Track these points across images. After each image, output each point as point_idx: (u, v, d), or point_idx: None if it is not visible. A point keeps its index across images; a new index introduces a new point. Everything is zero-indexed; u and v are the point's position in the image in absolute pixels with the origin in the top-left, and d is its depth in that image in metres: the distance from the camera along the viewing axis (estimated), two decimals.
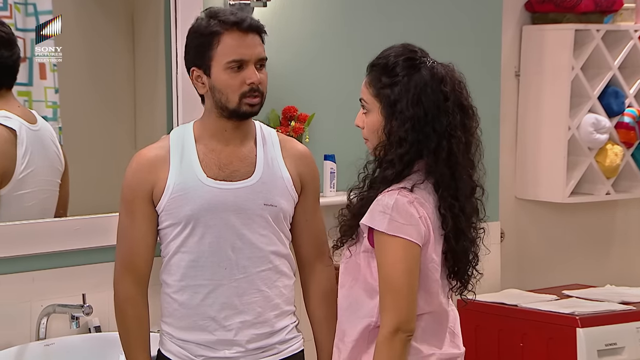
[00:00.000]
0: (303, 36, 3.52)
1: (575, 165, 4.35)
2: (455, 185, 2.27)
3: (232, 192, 2.40)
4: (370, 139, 2.33)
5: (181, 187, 2.39)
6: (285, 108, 3.44)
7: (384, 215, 2.22)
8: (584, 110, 4.31)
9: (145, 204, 2.41)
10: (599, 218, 4.61)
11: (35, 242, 2.90)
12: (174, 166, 2.41)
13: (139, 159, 2.44)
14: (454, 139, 2.26)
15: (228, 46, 2.37)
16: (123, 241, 2.45)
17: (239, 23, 2.38)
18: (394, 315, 2.21)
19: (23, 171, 2.92)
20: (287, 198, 2.47)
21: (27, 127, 2.94)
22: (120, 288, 2.44)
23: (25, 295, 2.88)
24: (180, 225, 2.41)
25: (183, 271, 2.42)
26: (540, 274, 4.43)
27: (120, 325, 2.46)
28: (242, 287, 2.42)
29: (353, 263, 2.33)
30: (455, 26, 3.88)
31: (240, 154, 2.44)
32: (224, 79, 2.38)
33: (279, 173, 2.46)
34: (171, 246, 2.43)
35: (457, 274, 2.35)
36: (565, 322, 3.57)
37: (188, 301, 2.42)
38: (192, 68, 2.43)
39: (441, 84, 2.26)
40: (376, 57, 2.32)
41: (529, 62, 4.34)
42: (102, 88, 3.25)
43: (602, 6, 4.29)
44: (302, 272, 2.57)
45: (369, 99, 2.31)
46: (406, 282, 2.20)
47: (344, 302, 2.35)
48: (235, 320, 2.42)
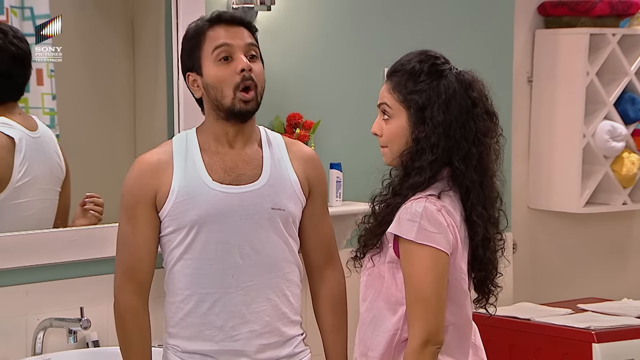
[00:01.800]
0: (308, 40, 3.52)
1: (590, 174, 4.34)
2: (483, 194, 2.29)
3: (239, 196, 2.40)
4: (392, 145, 2.32)
5: (186, 191, 2.38)
6: (289, 115, 3.44)
7: (413, 223, 2.21)
8: (599, 117, 4.31)
9: (148, 209, 2.39)
10: (615, 229, 4.61)
11: (32, 254, 2.89)
12: (178, 170, 2.40)
13: (141, 163, 2.43)
14: (482, 145, 2.28)
15: (213, 38, 2.40)
16: (124, 248, 2.43)
17: (221, 15, 2.41)
18: (423, 327, 2.20)
19: (20, 179, 2.91)
20: (295, 201, 2.46)
21: (28, 135, 2.94)
22: (121, 297, 2.42)
23: (20, 309, 2.88)
24: (184, 231, 2.39)
25: (188, 279, 2.41)
26: (554, 286, 4.42)
27: (120, 337, 2.44)
28: (251, 295, 2.40)
29: (376, 274, 2.32)
30: (465, 30, 3.88)
31: (245, 157, 2.44)
32: (215, 72, 2.39)
33: (286, 175, 2.45)
34: (175, 253, 2.42)
35: (481, 286, 2.36)
36: (580, 337, 3.56)
37: (193, 310, 2.41)
38: (187, 73, 2.45)
39: (469, 90, 2.29)
40: (397, 63, 2.33)
41: (542, 67, 4.34)
42: (100, 94, 3.25)
43: (618, 9, 4.29)
44: (311, 278, 2.56)
45: (393, 104, 2.31)
46: (435, 292, 2.20)
47: (366, 315, 2.34)
48: (242, 330, 2.40)
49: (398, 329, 2.28)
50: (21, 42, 2.94)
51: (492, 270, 2.34)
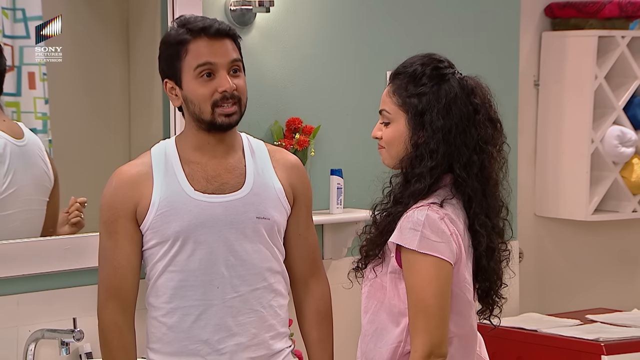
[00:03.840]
0: (307, 43, 3.51)
1: (599, 181, 4.34)
2: (487, 203, 2.28)
3: (222, 205, 2.39)
4: (390, 150, 2.31)
5: (167, 202, 2.38)
6: (289, 120, 3.43)
7: (415, 232, 2.20)
8: (608, 122, 4.31)
9: (129, 223, 2.39)
10: (625, 237, 4.60)
11: (23, 263, 2.88)
12: (158, 181, 2.39)
13: (119, 176, 2.42)
14: (485, 153, 2.27)
15: (195, 54, 2.37)
16: (106, 265, 2.42)
17: (206, 29, 2.38)
18: (426, 339, 2.19)
19: (4, 191, 2.90)
20: (280, 210, 2.45)
21: (12, 143, 2.92)
22: (105, 316, 2.42)
23: (11, 320, 2.87)
24: (168, 244, 2.39)
25: (172, 292, 2.40)
26: (562, 296, 4.42)
27: (104, 355, 2.44)
28: (236, 307, 2.40)
29: (378, 285, 2.31)
30: (469, 32, 3.88)
31: (227, 165, 2.43)
32: (194, 88, 2.38)
33: (270, 183, 2.45)
34: (157, 266, 2.41)
35: (485, 297, 2.35)
36: (589, 349, 3.56)
37: (178, 324, 2.39)
38: (165, 80, 2.44)
39: (471, 96, 2.28)
40: (400, 66, 2.33)
41: (549, 70, 4.33)
42: (94, 98, 3.25)
43: (627, 11, 4.29)
44: (296, 290, 2.55)
45: (392, 108, 2.30)
46: (438, 303, 2.19)
47: (369, 328, 2.33)
48: (229, 343, 2.39)
49: (401, 341, 2.27)
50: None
51: (497, 281, 2.33)
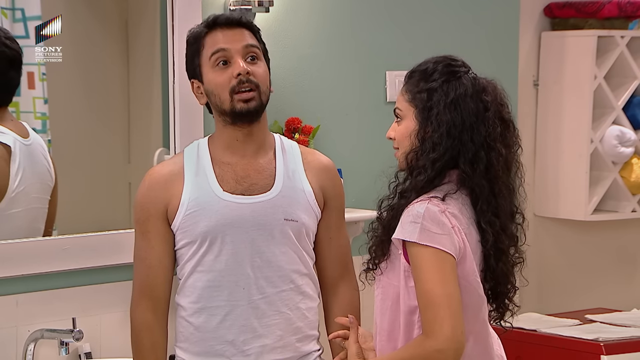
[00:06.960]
0: (307, 43, 3.52)
1: (598, 181, 4.33)
2: (495, 202, 2.26)
3: (250, 207, 2.41)
4: (402, 146, 2.31)
5: (196, 202, 2.40)
6: (288, 119, 3.44)
7: (415, 224, 2.18)
8: (607, 122, 4.30)
9: (160, 223, 2.41)
10: (624, 237, 4.59)
11: (22, 263, 2.89)
12: (189, 181, 2.41)
13: (151, 176, 2.45)
14: (493, 151, 2.25)
15: (210, 44, 2.42)
16: (139, 264, 2.45)
17: (217, 19, 2.43)
18: (439, 334, 2.14)
19: (16, 189, 2.92)
20: (309, 213, 2.46)
21: (21, 142, 2.95)
22: (137, 315, 2.45)
23: (10, 320, 2.88)
24: (196, 244, 2.41)
25: (199, 292, 2.42)
26: (561, 296, 4.41)
27: (134, 353, 2.46)
28: (262, 309, 2.41)
29: (390, 284, 2.29)
30: (468, 32, 3.88)
31: (257, 166, 2.45)
32: (212, 78, 2.42)
33: (300, 186, 2.46)
34: (187, 267, 2.43)
35: (495, 299, 2.33)
36: (588, 349, 3.56)
37: (204, 324, 2.42)
38: (191, 80, 2.47)
39: (482, 94, 2.27)
40: (415, 65, 2.34)
41: (548, 70, 4.33)
42: (94, 98, 3.25)
43: (626, 11, 4.28)
44: (325, 293, 2.56)
45: (403, 105, 2.31)
46: (445, 293, 2.14)
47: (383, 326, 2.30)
48: (254, 345, 2.41)
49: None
50: (13, 43, 2.94)
51: (507, 284, 2.31)
